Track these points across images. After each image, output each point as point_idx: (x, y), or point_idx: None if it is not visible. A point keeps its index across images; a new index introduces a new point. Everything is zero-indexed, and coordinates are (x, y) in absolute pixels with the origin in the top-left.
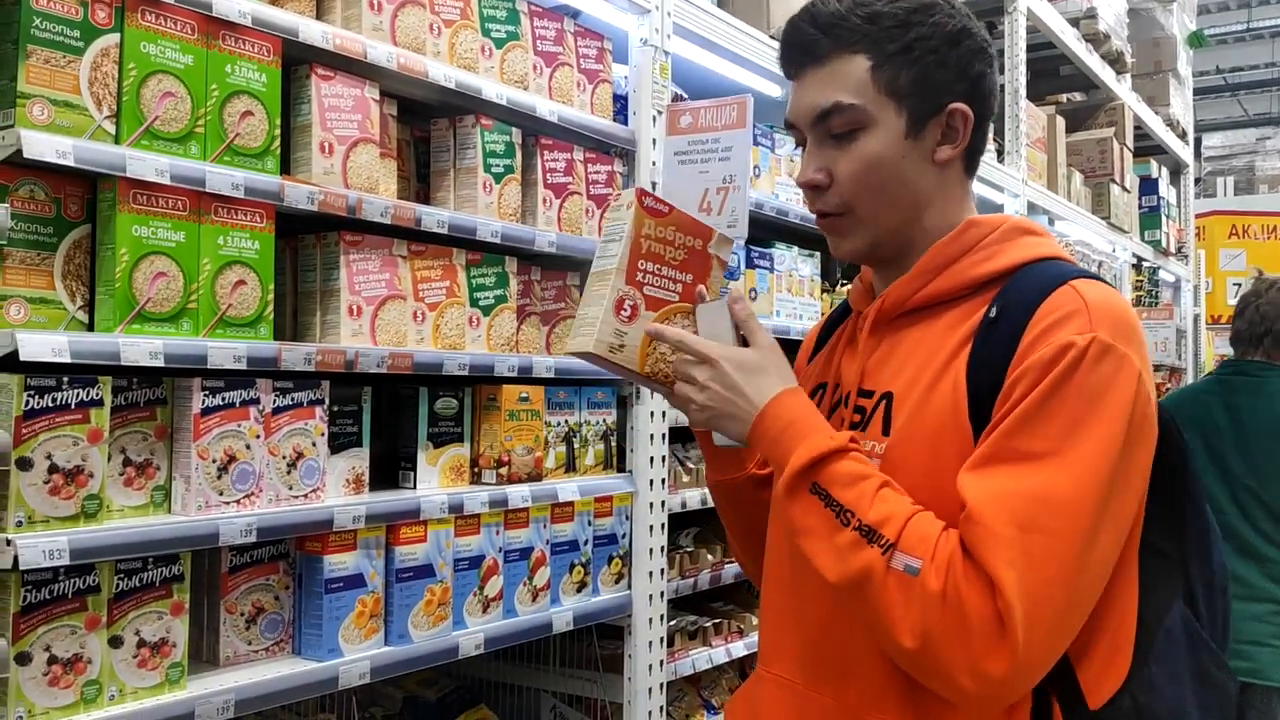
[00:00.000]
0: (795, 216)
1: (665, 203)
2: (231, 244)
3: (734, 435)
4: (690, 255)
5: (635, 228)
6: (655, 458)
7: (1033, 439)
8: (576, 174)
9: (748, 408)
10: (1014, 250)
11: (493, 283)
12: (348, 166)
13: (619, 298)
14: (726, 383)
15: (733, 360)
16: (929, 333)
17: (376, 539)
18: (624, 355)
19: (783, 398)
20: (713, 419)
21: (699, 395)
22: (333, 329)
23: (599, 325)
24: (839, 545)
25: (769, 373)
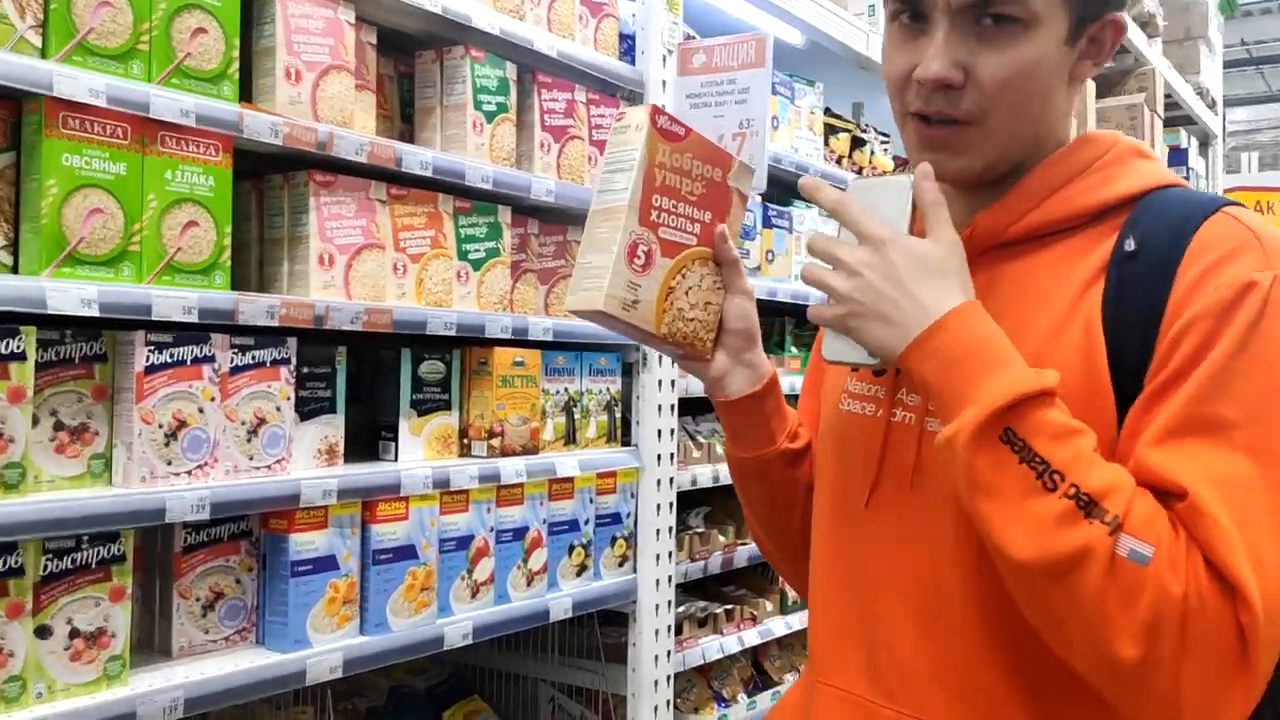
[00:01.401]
0: (815, 173)
1: (681, 123)
2: (181, 179)
3: (878, 344)
4: (709, 189)
5: (649, 154)
6: (663, 430)
7: (1228, 403)
8: (578, 116)
9: (914, 312)
10: (1134, 174)
11: (484, 234)
12: (318, 96)
13: (631, 242)
14: (890, 273)
15: (906, 248)
16: (1035, 268)
17: (351, 516)
18: (638, 313)
19: (967, 311)
20: (853, 318)
21: (842, 282)
22: (301, 280)
23: (609, 277)
24: (1041, 515)
25: (950, 276)
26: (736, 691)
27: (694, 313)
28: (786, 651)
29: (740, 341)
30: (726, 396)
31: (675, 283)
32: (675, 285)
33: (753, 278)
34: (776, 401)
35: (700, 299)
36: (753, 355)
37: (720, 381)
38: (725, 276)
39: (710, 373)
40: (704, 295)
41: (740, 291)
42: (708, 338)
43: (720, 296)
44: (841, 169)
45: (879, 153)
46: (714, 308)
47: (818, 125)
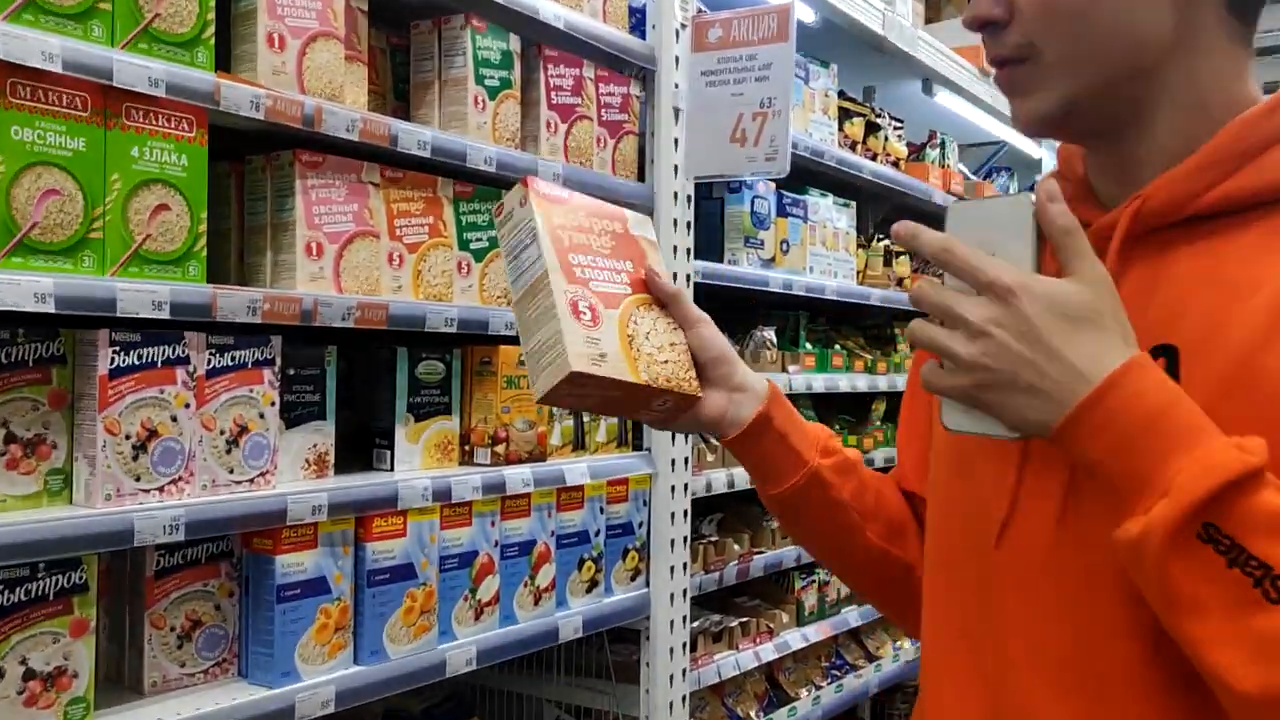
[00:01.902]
0: (831, 159)
1: (560, 188)
2: (150, 157)
3: (1023, 421)
4: (616, 241)
5: (545, 221)
6: (677, 433)
7: None
8: (586, 94)
9: (1067, 379)
10: None
11: (486, 222)
12: (303, 66)
13: (571, 300)
14: (1027, 330)
15: (1044, 296)
16: (1227, 253)
17: (343, 534)
18: (611, 365)
19: (1135, 370)
20: (987, 390)
21: (967, 346)
22: (286, 272)
23: (566, 338)
24: (1267, 635)
25: (1105, 326)
26: (751, 709)
27: (664, 355)
28: (801, 665)
29: (722, 369)
30: (740, 426)
31: (631, 330)
32: (633, 333)
33: (766, 269)
34: (789, 414)
35: (663, 341)
36: (742, 377)
37: (725, 416)
38: (675, 314)
39: (710, 411)
40: (665, 337)
41: (697, 321)
42: (690, 375)
43: (680, 335)
44: (856, 155)
45: (893, 139)
46: (680, 347)
47: (832, 109)
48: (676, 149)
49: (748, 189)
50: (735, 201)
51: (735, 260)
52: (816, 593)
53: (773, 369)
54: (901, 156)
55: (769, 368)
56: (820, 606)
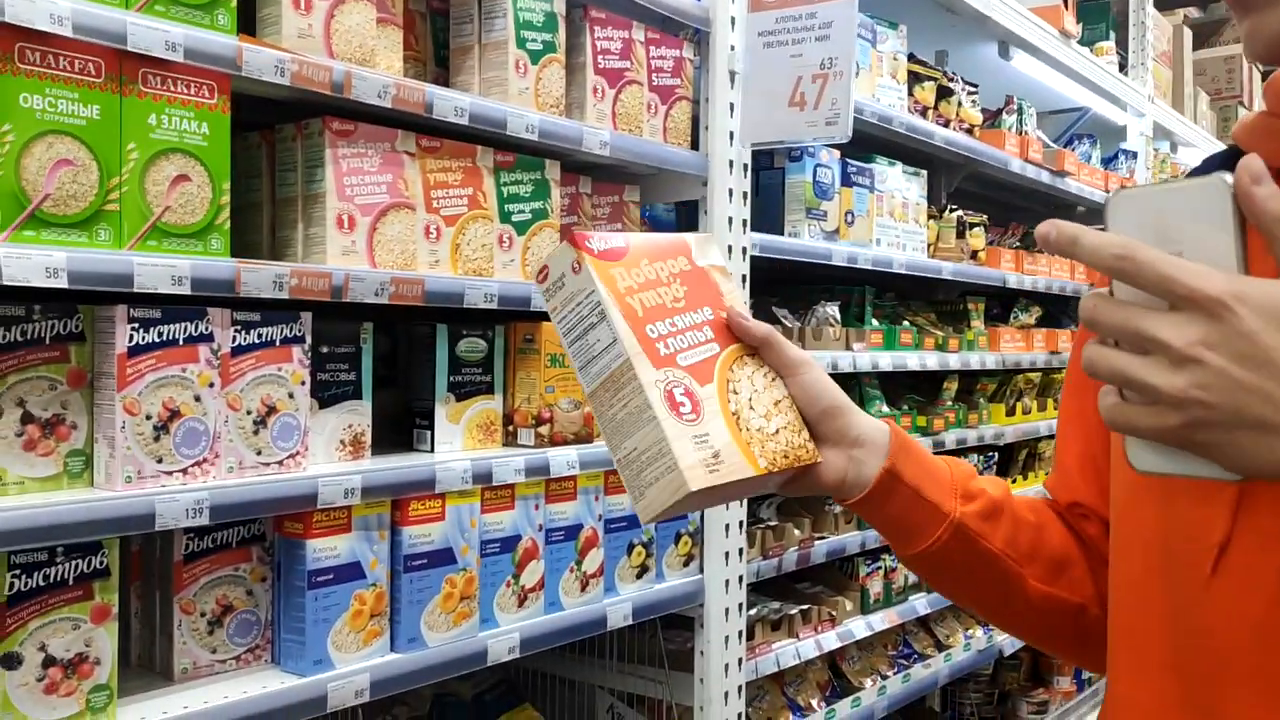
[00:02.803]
0: (900, 125)
1: (612, 235)
2: (169, 125)
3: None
4: (689, 282)
5: (609, 288)
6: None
7: None
8: (635, 58)
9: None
10: None
11: (529, 193)
12: (331, 29)
13: (666, 392)
14: (1249, 350)
15: (1266, 304)
16: None
17: (378, 517)
18: (728, 467)
19: None
20: (1201, 430)
21: (1172, 378)
22: (317, 245)
23: (674, 448)
24: None
25: None
26: (813, 699)
27: (774, 423)
28: (866, 653)
29: (837, 423)
30: (864, 488)
31: (734, 406)
32: (737, 409)
33: (829, 242)
34: (918, 462)
35: (767, 404)
36: (859, 428)
37: (845, 479)
38: (770, 359)
39: (829, 475)
40: (768, 398)
41: (797, 366)
42: (805, 440)
43: (782, 386)
44: (927, 120)
45: (967, 104)
46: (785, 404)
47: (901, 72)
48: (732, 115)
49: (810, 157)
50: (796, 171)
51: (796, 233)
52: (883, 580)
53: (836, 346)
54: (976, 123)
55: (833, 345)
56: (886, 594)
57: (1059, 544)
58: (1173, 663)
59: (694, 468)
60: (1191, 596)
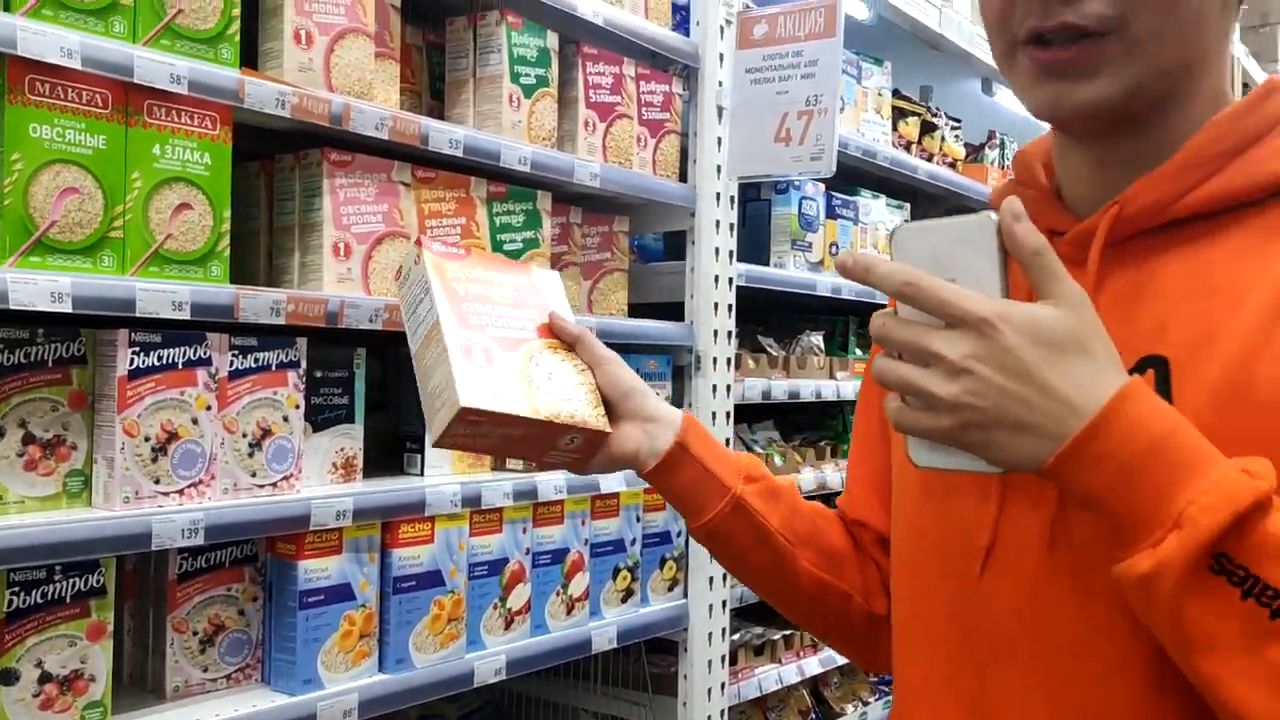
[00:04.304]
0: (884, 159)
1: (458, 245)
2: (172, 155)
3: (1014, 459)
4: (518, 293)
5: (438, 275)
6: (718, 440)
7: None
8: (626, 93)
9: (1058, 411)
10: None
11: (521, 222)
12: (331, 63)
13: (464, 345)
14: (1011, 363)
15: (1026, 325)
16: (1215, 257)
17: (369, 539)
18: (507, 399)
19: (1132, 396)
20: (972, 430)
21: (946, 385)
22: (314, 272)
23: (458, 377)
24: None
25: (1093, 351)
26: None
27: (568, 393)
28: (848, 679)
29: (633, 402)
30: (657, 457)
31: (531, 371)
32: (532, 374)
33: (814, 273)
34: (707, 441)
35: (567, 381)
36: (654, 408)
37: (640, 449)
38: (583, 355)
39: (624, 445)
40: (570, 378)
41: (605, 360)
42: (597, 412)
43: (588, 376)
44: (910, 155)
45: (950, 139)
46: (587, 385)
47: (885, 108)
48: (720, 148)
49: (795, 190)
50: (782, 203)
51: (782, 263)
52: None
53: (820, 375)
54: (959, 157)
55: (817, 374)
56: None
57: (836, 540)
58: (951, 651)
59: (469, 391)
60: (966, 591)
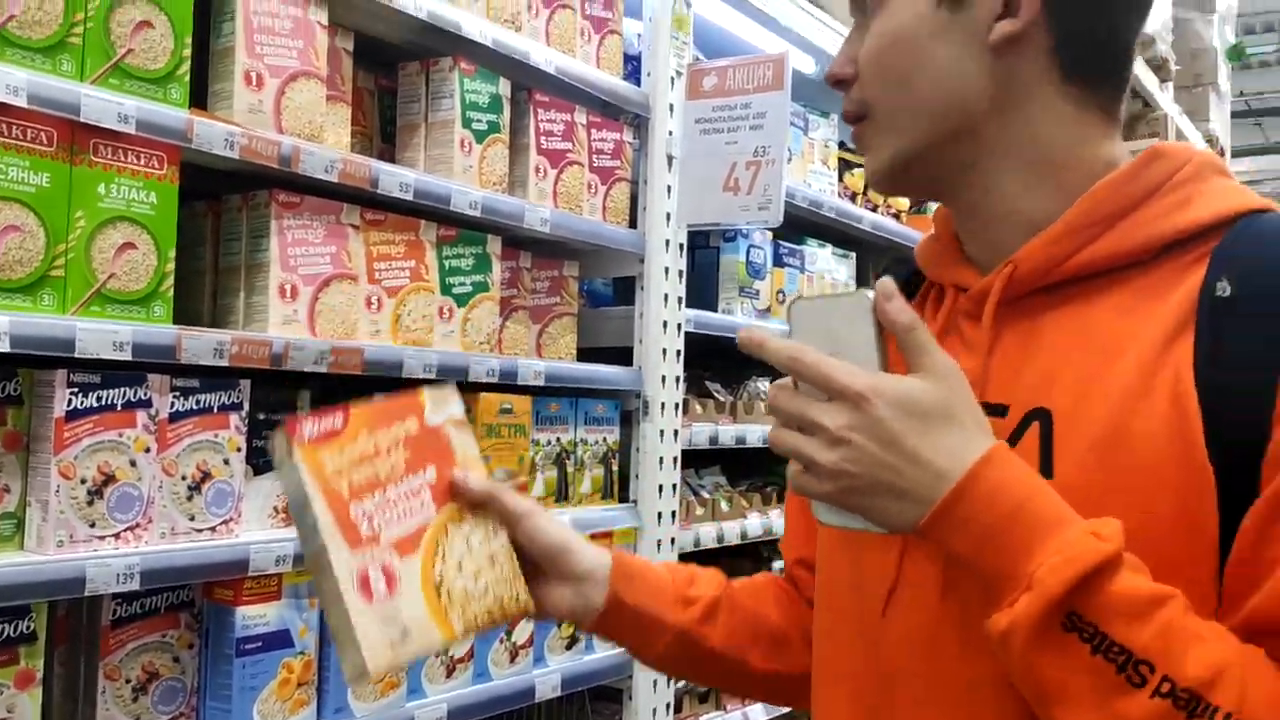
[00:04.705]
0: (830, 210)
1: (333, 412)
2: (117, 194)
3: (888, 522)
4: (413, 446)
5: (314, 476)
6: (665, 486)
7: None
8: (577, 140)
9: (926, 478)
10: (1218, 195)
11: (470, 266)
12: (282, 105)
13: (359, 576)
14: (883, 433)
15: (896, 397)
16: (1097, 315)
17: (309, 585)
18: (418, 641)
19: (995, 463)
20: (851, 495)
21: (826, 453)
22: (259, 313)
23: (359, 632)
24: None
25: (960, 421)
26: None
27: (483, 580)
28: None
29: (560, 561)
30: (593, 616)
31: (439, 570)
32: (441, 575)
33: (762, 320)
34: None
35: (480, 562)
36: (582, 562)
37: (574, 610)
38: (496, 512)
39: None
40: (481, 555)
41: (522, 516)
42: (517, 592)
43: (501, 540)
44: (856, 206)
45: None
46: (501, 558)
47: (832, 159)
48: (669, 196)
49: (743, 238)
50: (731, 250)
51: (730, 310)
52: None
53: (767, 420)
54: (903, 208)
55: (763, 419)
56: None
57: (778, 622)
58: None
59: (376, 653)
60: (871, 629)
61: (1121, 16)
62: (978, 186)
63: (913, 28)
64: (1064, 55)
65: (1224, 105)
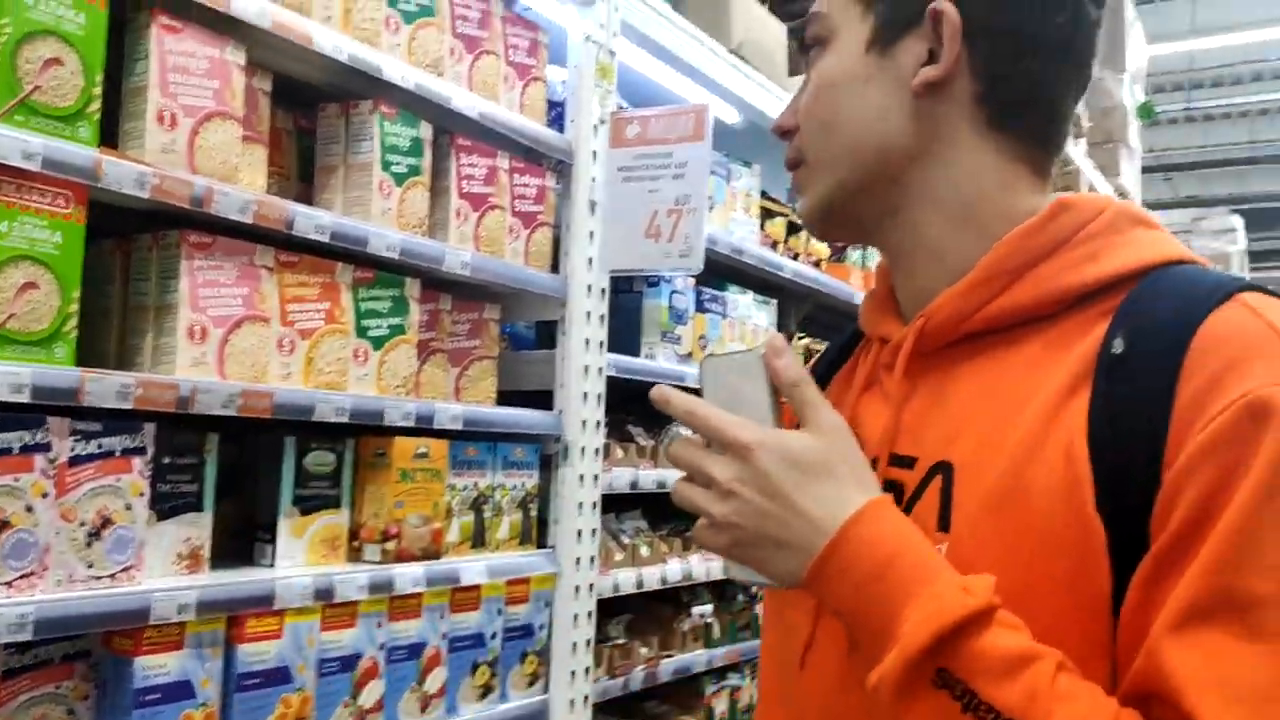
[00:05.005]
0: (751, 258)
1: None
2: (19, 233)
3: (776, 573)
4: None
5: None
6: (584, 531)
7: (1256, 573)
8: (500, 184)
9: (807, 531)
10: (1131, 247)
11: (387, 309)
12: (195, 145)
13: None
14: (766, 486)
15: (779, 451)
16: (1006, 368)
17: (212, 634)
18: None
19: (869, 517)
20: (740, 547)
21: (718, 505)
22: (167, 355)
23: None
24: None
25: (839, 474)
26: None
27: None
28: None
29: None
30: None
31: None
32: None
33: (683, 365)
34: None
35: None
36: None
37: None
38: None
39: None
40: None
41: None
42: None
43: None
44: (777, 253)
45: (815, 239)
46: None
47: (754, 208)
48: (592, 242)
49: (666, 284)
50: (653, 296)
51: (652, 354)
52: (728, 698)
53: None
54: (823, 256)
55: None
56: (731, 713)
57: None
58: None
59: None
60: (791, 683)
61: (1046, 68)
62: (903, 232)
63: (844, 74)
64: (988, 104)
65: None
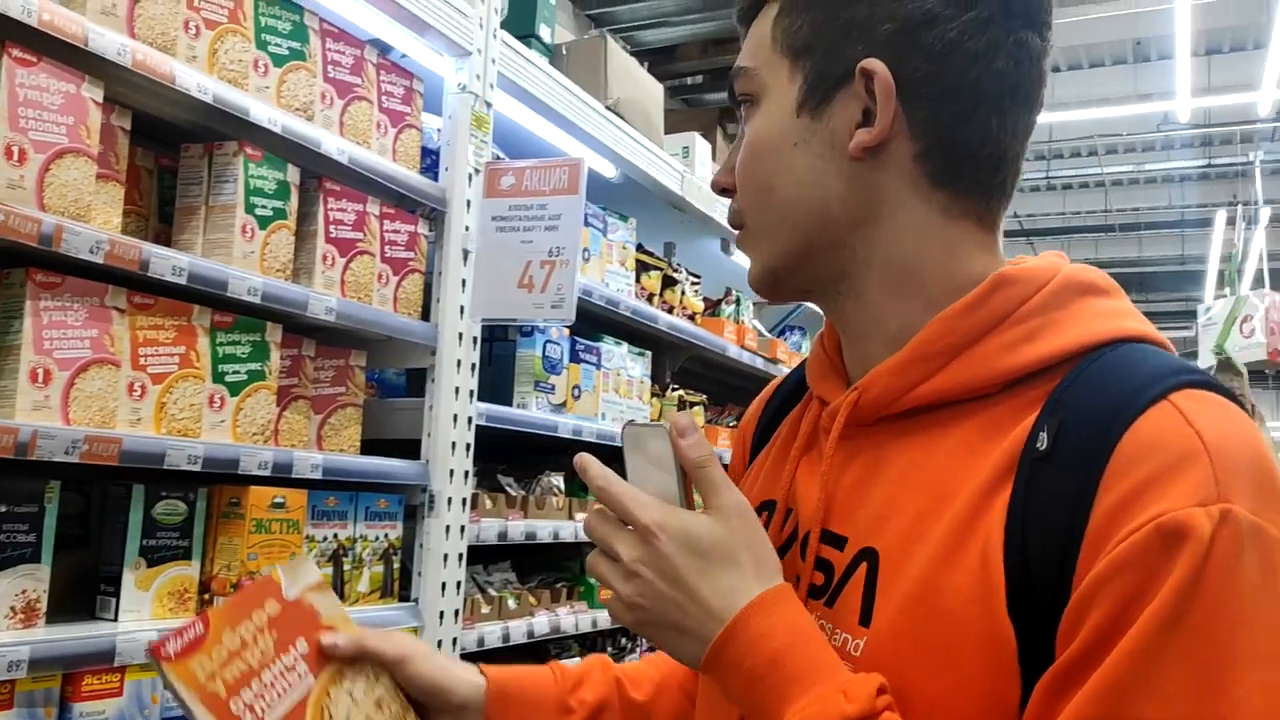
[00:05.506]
0: (626, 309)
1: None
2: None
3: (681, 656)
4: (279, 626)
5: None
6: (449, 583)
7: (1152, 702)
8: (369, 230)
9: (704, 618)
10: (1071, 324)
11: (247, 354)
12: (45, 182)
13: None
14: (666, 570)
15: (680, 535)
16: (935, 452)
17: (46, 693)
18: None
19: (763, 609)
20: (644, 627)
21: (623, 584)
22: (6, 399)
23: None
24: None
25: (740, 561)
26: None
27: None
28: None
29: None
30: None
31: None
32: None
33: (557, 415)
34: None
35: (368, 710)
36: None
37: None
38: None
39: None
40: (368, 703)
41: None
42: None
43: (385, 682)
44: (652, 306)
45: (690, 293)
46: (388, 697)
47: (630, 261)
48: (464, 290)
49: (540, 333)
50: (527, 345)
51: (525, 404)
52: None
53: (560, 515)
54: (698, 310)
55: (556, 514)
56: None
57: (671, 711)
58: None
59: None
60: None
61: (989, 119)
62: (849, 297)
63: (775, 137)
64: (929, 164)
65: None
